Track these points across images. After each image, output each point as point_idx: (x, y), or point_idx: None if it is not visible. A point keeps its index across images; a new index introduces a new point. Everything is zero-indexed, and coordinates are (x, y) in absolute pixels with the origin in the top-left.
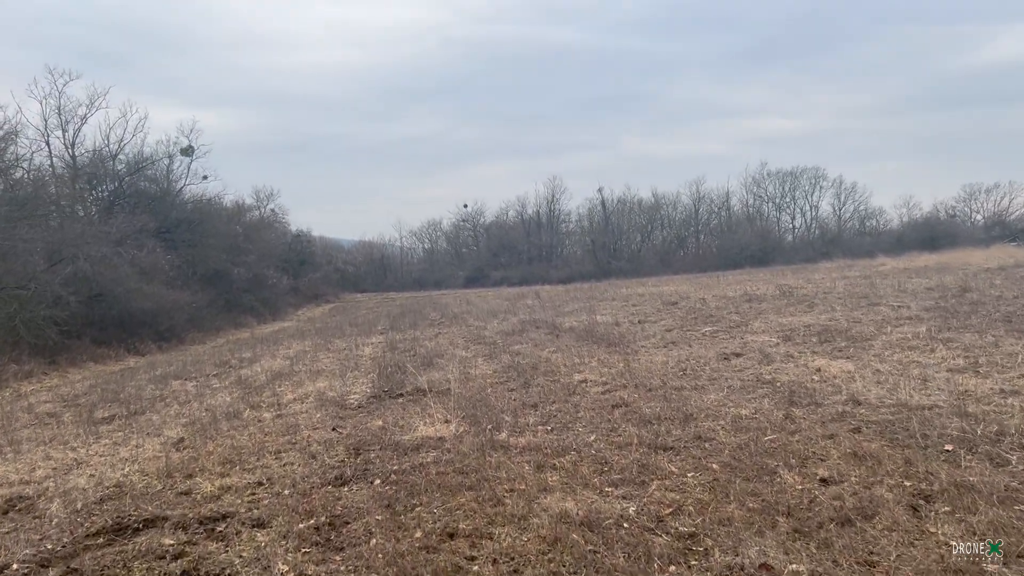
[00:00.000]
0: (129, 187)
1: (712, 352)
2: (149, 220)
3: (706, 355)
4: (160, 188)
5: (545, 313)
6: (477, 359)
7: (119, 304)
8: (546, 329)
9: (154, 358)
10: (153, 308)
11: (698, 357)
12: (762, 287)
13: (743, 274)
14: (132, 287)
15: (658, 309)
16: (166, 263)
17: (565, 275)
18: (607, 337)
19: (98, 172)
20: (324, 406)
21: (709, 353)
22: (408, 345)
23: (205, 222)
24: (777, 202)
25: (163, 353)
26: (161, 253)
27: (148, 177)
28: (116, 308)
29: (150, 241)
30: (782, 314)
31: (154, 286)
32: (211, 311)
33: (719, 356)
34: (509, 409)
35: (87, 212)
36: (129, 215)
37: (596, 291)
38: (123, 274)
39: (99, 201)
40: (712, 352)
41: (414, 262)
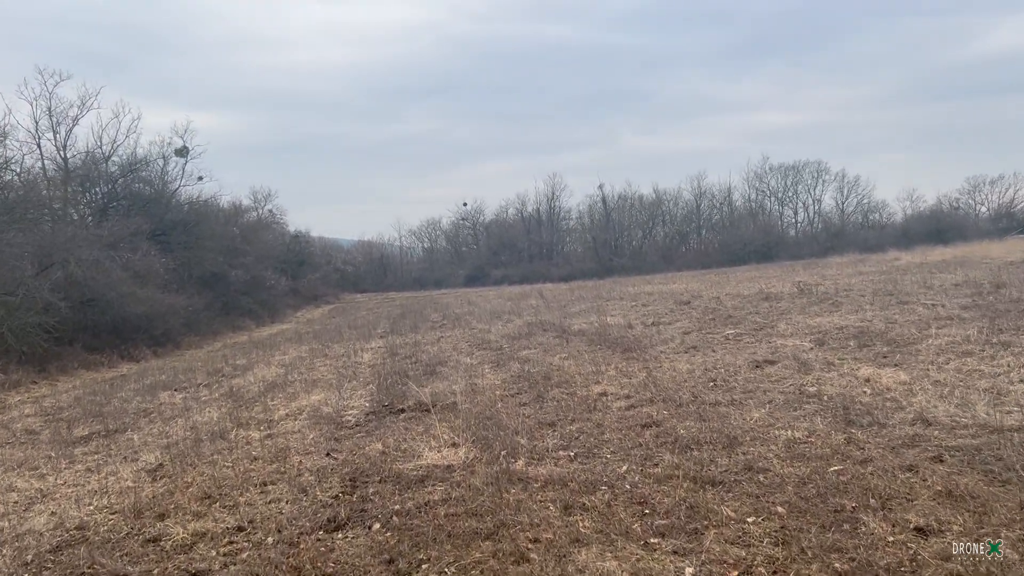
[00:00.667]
0: (123, 189)
1: (741, 359)
2: (143, 223)
3: (735, 362)
4: (155, 190)
5: (551, 314)
6: (483, 367)
7: (112, 309)
8: (554, 332)
9: (148, 364)
10: (147, 313)
11: (726, 365)
12: (777, 284)
13: (751, 270)
14: (125, 291)
15: (671, 309)
16: (161, 266)
17: (566, 273)
18: (621, 341)
19: (91, 174)
20: (318, 424)
21: (738, 360)
22: (409, 351)
23: (201, 224)
24: (780, 196)
25: (158, 359)
26: (156, 256)
27: (142, 179)
28: (109, 313)
29: (144, 244)
30: (807, 314)
31: (148, 290)
32: (208, 314)
33: (750, 363)
34: (524, 429)
35: (80, 215)
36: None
37: (601, 289)
38: (116, 278)
39: (92, 204)
40: (741, 359)
41: (414, 261)
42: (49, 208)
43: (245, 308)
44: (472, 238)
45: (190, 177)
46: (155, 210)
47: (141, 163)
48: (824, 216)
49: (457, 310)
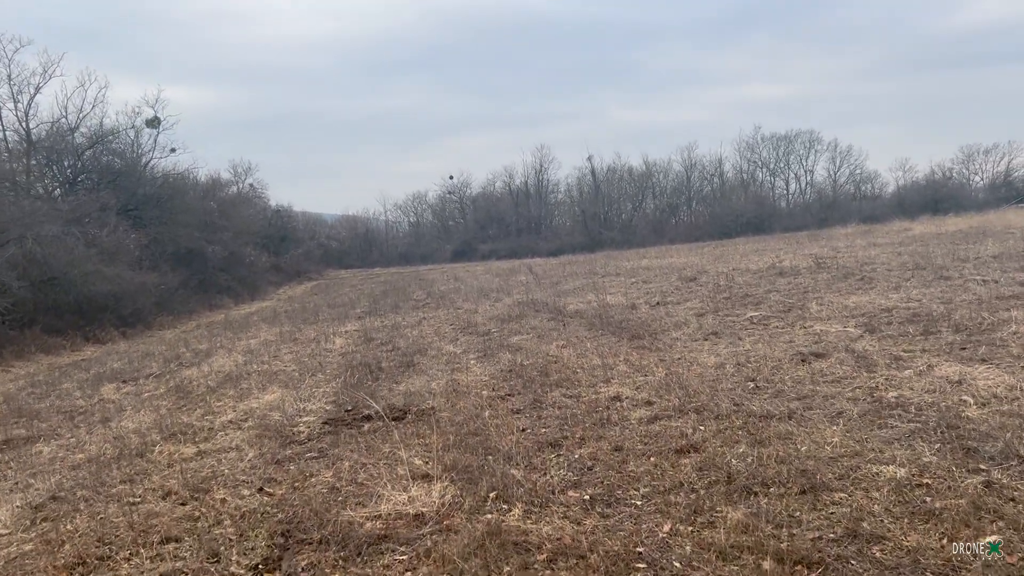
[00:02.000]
0: (91, 162)
1: (779, 350)
2: (112, 197)
3: (773, 354)
4: (126, 163)
5: (543, 292)
6: (469, 357)
7: (75, 288)
8: (548, 314)
9: (115, 347)
10: (115, 292)
11: (763, 358)
12: (787, 258)
13: (749, 243)
14: (90, 269)
15: (676, 287)
16: (131, 242)
17: (555, 247)
18: (627, 326)
19: (56, 146)
20: (263, 437)
21: (775, 351)
22: (386, 335)
23: (175, 198)
24: (771, 167)
25: (126, 340)
26: (125, 232)
27: (113, 151)
28: (72, 293)
29: (114, 219)
30: (837, 292)
31: (116, 268)
32: (183, 293)
33: (793, 357)
34: (519, 452)
35: (47, 189)
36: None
37: (594, 264)
38: (80, 255)
39: (59, 177)
40: (779, 350)
41: (400, 236)
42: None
43: (223, 286)
44: (459, 212)
45: (163, 149)
46: (126, 184)
47: (109, 134)
48: (817, 187)
49: (442, 287)
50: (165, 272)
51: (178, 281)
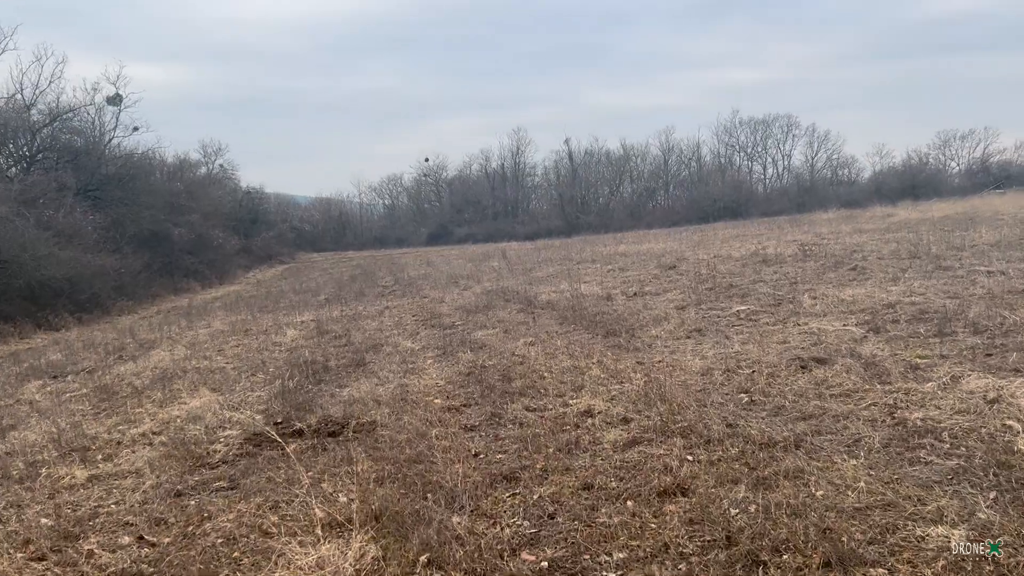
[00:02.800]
0: (49, 140)
1: (773, 352)
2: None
3: (766, 358)
4: (87, 142)
5: (515, 279)
6: (426, 355)
7: (26, 272)
8: (518, 304)
9: (66, 335)
10: (71, 276)
11: (755, 362)
12: (770, 245)
13: (728, 228)
14: (43, 253)
15: (654, 275)
16: (89, 224)
17: (532, 231)
18: (602, 319)
19: (10, 123)
20: (171, 458)
21: (768, 354)
22: (343, 327)
23: (139, 178)
24: (749, 151)
25: (82, 327)
26: (83, 214)
27: (72, 129)
28: (22, 277)
29: (71, 200)
30: (829, 284)
31: (72, 251)
32: (145, 277)
33: (791, 362)
34: (466, 489)
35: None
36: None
37: (569, 249)
38: (32, 238)
39: (14, 155)
40: (773, 352)
41: (374, 219)
42: None
43: (190, 269)
44: (435, 195)
45: (125, 128)
46: (87, 163)
47: (66, 111)
48: (794, 172)
49: (412, 272)
50: (127, 255)
51: (140, 265)
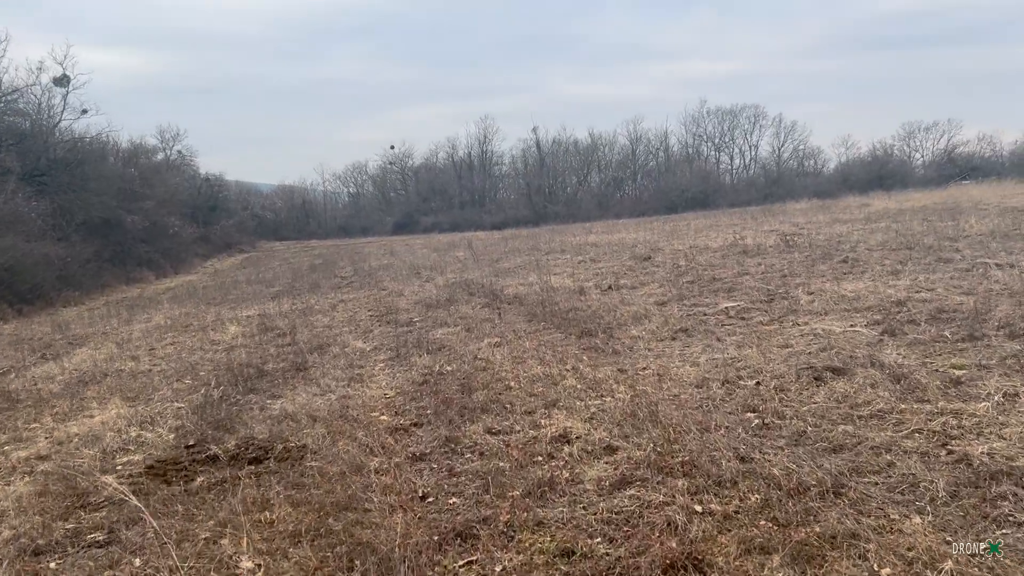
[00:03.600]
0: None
1: (776, 358)
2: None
3: (769, 366)
4: (33, 124)
5: (480, 271)
6: (377, 358)
7: None
8: (483, 298)
9: (3, 327)
10: (9, 265)
11: (757, 371)
12: (748, 235)
13: (698, 218)
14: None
15: (629, 267)
16: (33, 211)
17: (499, 220)
18: (575, 317)
19: None
20: (48, 495)
21: (771, 361)
22: (290, 323)
23: (88, 163)
24: (716, 142)
25: (22, 319)
26: (24, 200)
27: (17, 111)
28: None
29: (12, 185)
30: (824, 278)
31: (11, 238)
32: (95, 266)
33: (802, 372)
34: (405, 555)
35: None
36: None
37: (538, 239)
38: None
39: None
40: (776, 358)
41: (339, 208)
42: None
43: (144, 258)
44: (401, 183)
45: (74, 110)
46: (32, 147)
47: (8, 91)
48: (761, 162)
49: (374, 262)
50: (75, 244)
51: (89, 253)
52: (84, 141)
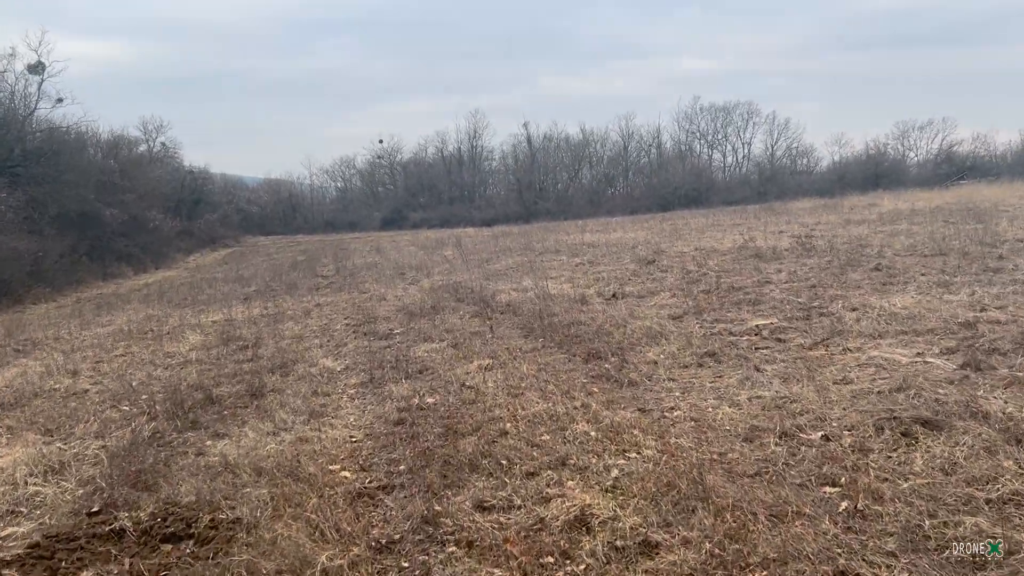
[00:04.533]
0: None
1: (839, 399)
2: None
3: (832, 411)
4: (6, 112)
5: (470, 272)
6: (347, 383)
7: None
8: (472, 306)
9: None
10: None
11: (818, 418)
12: (758, 236)
13: (699, 216)
14: None
15: (632, 272)
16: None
17: (489, 217)
18: (579, 333)
19: None
20: None
21: (833, 405)
22: (257, 331)
23: (64, 154)
24: (709, 139)
25: None
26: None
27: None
28: None
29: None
30: (859, 288)
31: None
32: (69, 261)
33: (882, 425)
34: None
35: None
36: None
37: (530, 237)
38: None
39: None
40: (839, 399)
41: (326, 202)
42: None
43: (123, 253)
44: (389, 178)
45: (49, 99)
46: (4, 137)
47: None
48: (754, 159)
49: (358, 260)
50: (48, 238)
51: (64, 248)
52: (60, 131)
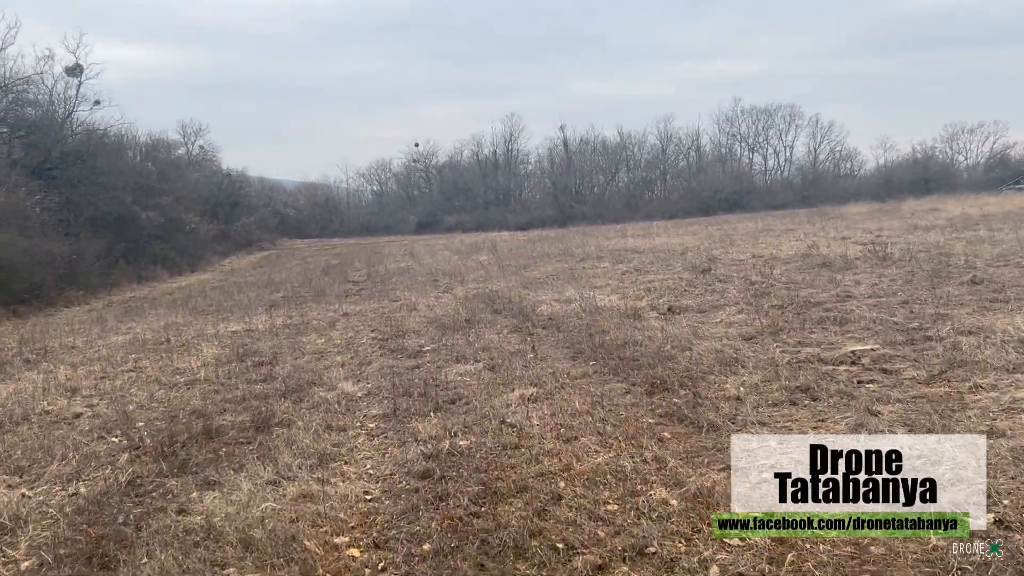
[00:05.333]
0: None
1: (1010, 470)
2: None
3: (1006, 486)
4: (43, 115)
5: (507, 280)
6: (368, 414)
7: None
8: (510, 319)
9: None
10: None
11: (994, 497)
12: (820, 242)
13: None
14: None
15: (687, 281)
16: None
17: (524, 220)
18: (634, 354)
19: None
20: None
21: (1004, 474)
22: (276, 344)
23: (100, 156)
24: (750, 142)
25: (17, 320)
26: (26, 193)
27: (26, 101)
28: None
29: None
30: (963, 306)
31: (7, 235)
32: (104, 264)
33: None
34: None
35: None
36: None
37: (568, 242)
38: None
39: None
40: (1010, 470)
41: (362, 205)
42: None
43: (159, 255)
44: (424, 181)
45: (87, 102)
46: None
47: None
48: (795, 163)
49: (391, 265)
50: (84, 240)
51: (99, 250)
52: (97, 133)
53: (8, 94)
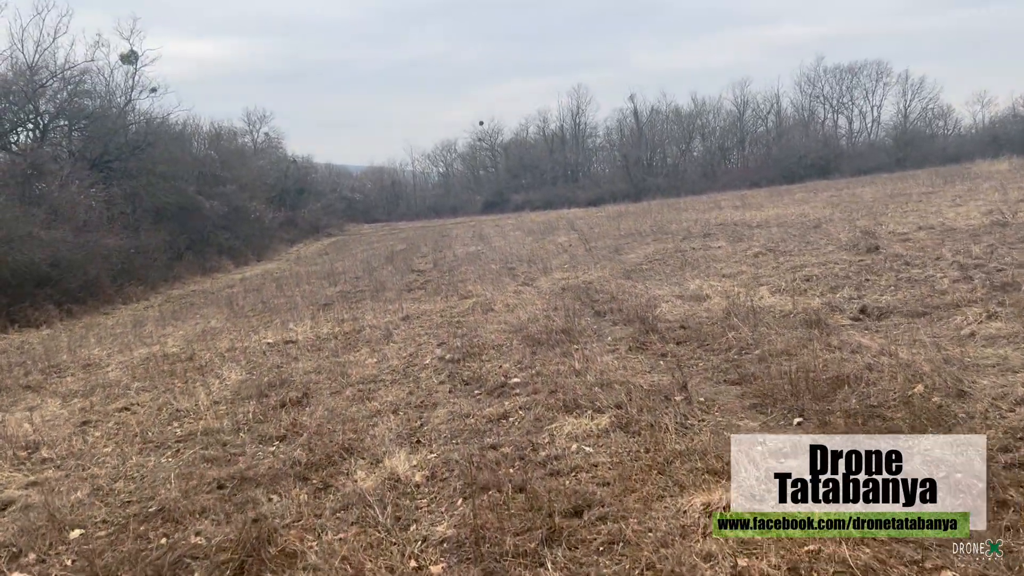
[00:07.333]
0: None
1: None
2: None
3: None
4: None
5: (601, 268)
6: (429, 545)
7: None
8: (624, 326)
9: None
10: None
11: None
12: (994, 208)
13: (853, 185)
14: (18, 233)
15: (855, 264)
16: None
17: (594, 196)
18: (848, 397)
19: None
20: None
21: None
22: (305, 380)
23: (159, 146)
24: (834, 103)
25: (71, 320)
26: (81, 186)
27: (82, 92)
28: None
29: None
30: None
31: (60, 231)
32: (166, 256)
33: None
34: None
35: None
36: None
37: (654, 217)
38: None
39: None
40: None
41: (428, 188)
42: None
43: (224, 246)
44: (490, 160)
45: (144, 90)
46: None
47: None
48: (884, 124)
49: (459, 250)
50: (144, 233)
51: (160, 243)
52: (155, 122)
53: (68, 85)
